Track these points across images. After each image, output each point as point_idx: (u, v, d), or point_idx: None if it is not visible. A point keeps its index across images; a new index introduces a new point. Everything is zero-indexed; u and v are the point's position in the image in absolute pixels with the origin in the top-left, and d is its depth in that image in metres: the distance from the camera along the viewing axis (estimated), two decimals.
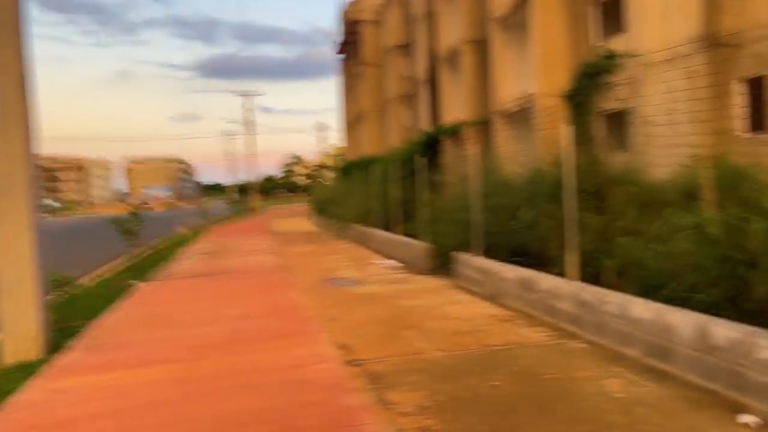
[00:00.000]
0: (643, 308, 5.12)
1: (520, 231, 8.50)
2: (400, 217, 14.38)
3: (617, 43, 14.68)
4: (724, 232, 5.29)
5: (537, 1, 17.65)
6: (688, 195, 7.58)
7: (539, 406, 4.47)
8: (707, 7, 12.94)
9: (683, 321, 4.64)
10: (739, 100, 12.51)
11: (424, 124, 27.02)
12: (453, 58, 24.21)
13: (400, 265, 12.56)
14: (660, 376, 4.87)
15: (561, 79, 14.76)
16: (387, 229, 15.30)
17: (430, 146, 15.65)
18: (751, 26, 11.83)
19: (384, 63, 36.04)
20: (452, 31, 24.25)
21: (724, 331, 4.26)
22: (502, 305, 7.93)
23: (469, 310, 7.80)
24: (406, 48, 32.77)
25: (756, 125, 11.41)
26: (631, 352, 5.27)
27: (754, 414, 3.99)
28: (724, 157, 8.46)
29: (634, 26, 15.27)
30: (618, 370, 5.14)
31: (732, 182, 7.40)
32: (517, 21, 19.29)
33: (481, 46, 22.21)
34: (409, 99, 32.54)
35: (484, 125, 21.40)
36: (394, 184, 14.90)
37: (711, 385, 4.37)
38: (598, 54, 8.20)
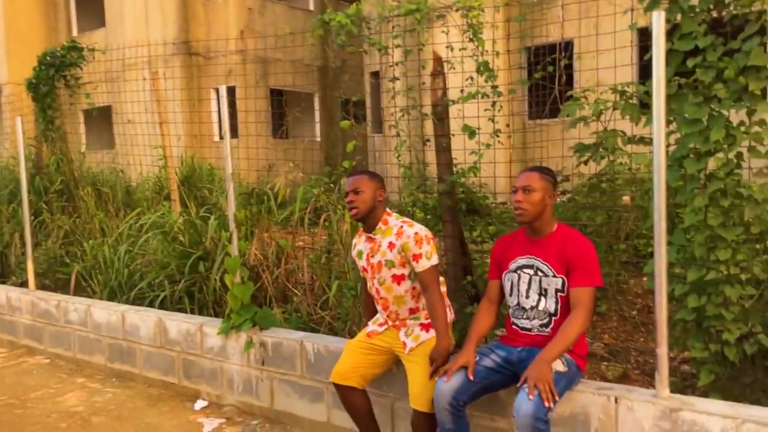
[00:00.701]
0: (107, 312, 4.94)
1: None
2: None
3: (97, 37, 14.14)
4: (185, 229, 5.57)
5: None
6: (161, 194, 7.81)
7: None
8: (183, 16, 13.72)
9: (145, 320, 4.66)
10: (212, 107, 13.69)
11: None
12: None
13: None
14: (124, 378, 4.78)
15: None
16: None
17: None
18: (218, 39, 13.06)
19: None
20: None
21: (179, 324, 4.44)
22: None
23: None
24: None
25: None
26: (97, 359, 5.03)
27: (205, 398, 4.29)
28: (193, 160, 9.06)
29: (113, 23, 15.00)
30: (81, 381, 4.82)
31: (196, 183, 7.96)
32: None
33: None
34: None
35: None
36: None
37: (170, 379, 4.51)
38: (63, 45, 7.60)
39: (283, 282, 4.96)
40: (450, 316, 3.07)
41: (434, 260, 2.95)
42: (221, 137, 4.25)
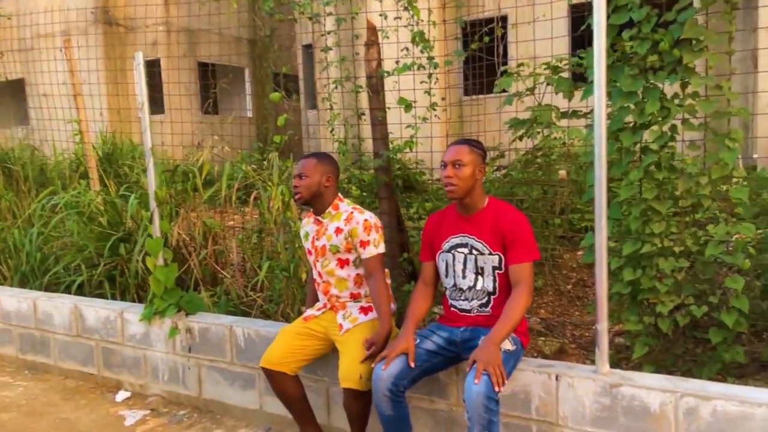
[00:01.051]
0: (17, 300, 4.56)
1: None
2: None
3: (7, 4, 13.12)
4: (105, 209, 5.21)
5: None
6: (78, 172, 7.32)
7: None
8: None
9: (59, 307, 4.32)
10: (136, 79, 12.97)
11: None
12: None
13: None
14: (38, 371, 4.44)
15: None
16: None
17: None
18: (138, 5, 12.34)
19: None
20: None
21: (97, 311, 4.14)
22: None
23: None
24: None
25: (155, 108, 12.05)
26: (7, 350, 4.65)
27: (128, 389, 4.03)
28: (115, 136, 8.56)
29: None
30: None
31: (118, 160, 7.51)
32: None
33: None
34: None
35: None
36: None
37: (89, 369, 4.21)
38: None
39: (211, 264, 4.72)
40: (392, 306, 2.98)
41: (381, 249, 2.90)
42: (140, 109, 3.94)
